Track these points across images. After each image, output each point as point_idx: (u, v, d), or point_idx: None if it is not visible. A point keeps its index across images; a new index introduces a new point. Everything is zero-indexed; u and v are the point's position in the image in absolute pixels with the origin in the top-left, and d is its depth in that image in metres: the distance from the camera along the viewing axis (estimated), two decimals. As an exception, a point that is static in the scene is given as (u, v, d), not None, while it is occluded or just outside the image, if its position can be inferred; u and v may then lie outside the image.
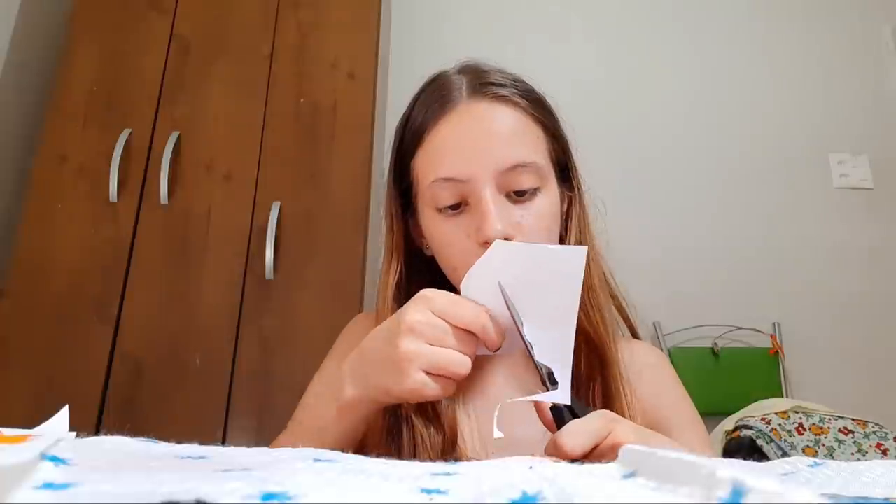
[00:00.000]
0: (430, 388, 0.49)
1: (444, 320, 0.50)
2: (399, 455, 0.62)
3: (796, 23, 2.32)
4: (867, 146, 2.18)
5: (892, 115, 2.23)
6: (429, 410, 0.63)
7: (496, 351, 0.52)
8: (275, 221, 1.48)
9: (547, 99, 0.70)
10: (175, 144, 1.54)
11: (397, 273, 0.68)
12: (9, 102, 1.68)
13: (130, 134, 1.55)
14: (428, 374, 0.49)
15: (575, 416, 0.47)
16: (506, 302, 0.51)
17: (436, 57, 0.76)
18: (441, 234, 0.63)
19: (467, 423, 0.65)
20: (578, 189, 0.71)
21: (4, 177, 1.67)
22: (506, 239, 0.58)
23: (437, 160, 0.63)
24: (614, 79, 2.23)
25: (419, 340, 0.49)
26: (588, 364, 0.65)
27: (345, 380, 0.54)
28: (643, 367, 0.68)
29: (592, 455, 0.43)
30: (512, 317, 0.51)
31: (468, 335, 0.50)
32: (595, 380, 0.65)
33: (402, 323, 0.50)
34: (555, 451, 0.43)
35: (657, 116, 2.19)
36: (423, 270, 0.70)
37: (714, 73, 2.25)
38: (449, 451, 0.61)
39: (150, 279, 1.47)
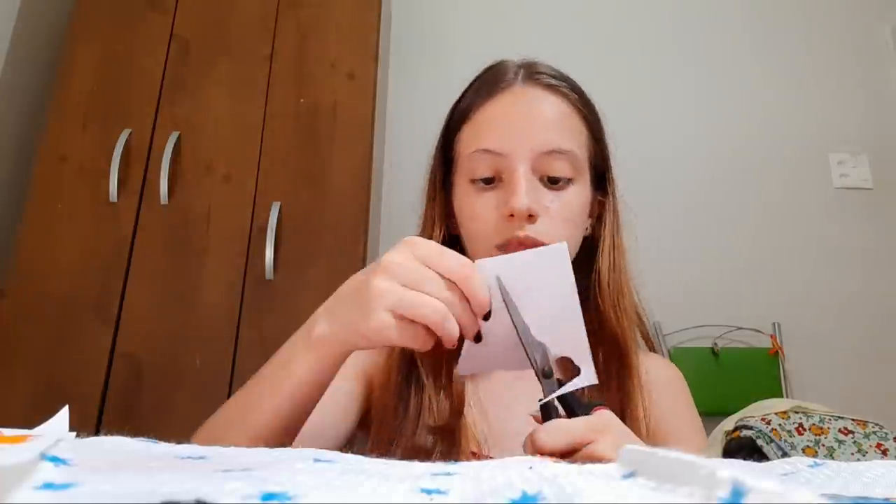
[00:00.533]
0: (395, 331, 0.44)
1: (427, 266, 0.46)
2: (405, 413, 0.62)
3: (796, 22, 2.32)
4: (867, 146, 2.18)
5: (892, 115, 2.23)
6: (442, 377, 0.63)
7: (486, 319, 0.47)
8: (275, 221, 1.48)
9: (595, 105, 0.73)
10: (175, 144, 1.54)
11: (440, 239, 0.68)
12: (9, 102, 1.68)
13: (130, 134, 1.55)
14: (400, 318, 0.45)
15: (572, 412, 0.46)
16: (503, 300, 0.48)
17: (436, 57, 0.77)
18: (471, 205, 0.65)
19: (473, 402, 0.65)
20: (613, 197, 0.73)
21: (5, 177, 1.67)
22: (530, 217, 0.60)
23: (481, 133, 0.65)
24: (614, 79, 2.23)
25: (392, 280, 0.45)
26: (607, 366, 0.65)
27: (317, 318, 0.50)
28: (659, 381, 0.69)
29: (569, 460, 0.41)
30: (512, 321, 0.48)
31: (452, 288, 0.45)
32: (612, 383, 0.65)
33: (380, 262, 0.46)
34: (529, 445, 0.43)
35: (657, 116, 2.19)
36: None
37: (714, 74, 2.25)
38: (455, 418, 0.61)
39: (150, 279, 1.47)
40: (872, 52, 2.29)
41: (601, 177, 0.72)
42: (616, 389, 0.64)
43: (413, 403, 0.62)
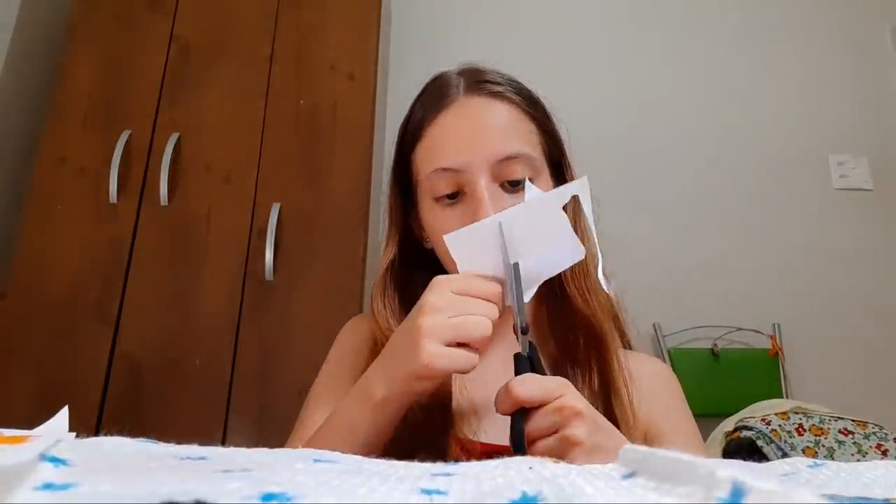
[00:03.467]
0: (445, 357, 0.49)
1: (466, 294, 0.52)
2: None
3: (796, 24, 2.32)
4: (867, 147, 2.18)
5: (893, 117, 2.23)
6: None
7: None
8: (275, 222, 1.48)
9: (542, 100, 0.73)
10: (175, 146, 1.54)
11: (392, 259, 0.71)
12: (9, 104, 1.68)
13: (130, 135, 1.55)
14: (447, 345, 0.50)
15: (534, 371, 0.50)
16: (503, 246, 0.54)
17: (435, 58, 0.77)
18: (438, 222, 0.66)
19: (463, 393, 0.66)
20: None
21: (5, 178, 1.67)
22: None
23: (436, 152, 0.66)
24: (614, 80, 2.24)
25: (438, 315, 0.50)
26: (587, 349, 0.67)
27: (373, 380, 0.55)
28: (649, 378, 0.69)
29: (539, 412, 0.46)
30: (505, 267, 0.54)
31: (485, 302, 0.52)
32: (593, 365, 0.66)
33: (422, 305, 0.51)
34: (504, 396, 0.47)
35: (657, 117, 2.19)
36: (421, 264, 0.72)
37: (714, 75, 2.25)
38: (442, 414, 0.63)
39: (150, 280, 1.47)
40: (872, 54, 2.29)
41: (558, 167, 0.72)
42: (597, 372, 0.65)
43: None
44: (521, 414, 0.47)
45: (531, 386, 0.47)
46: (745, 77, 2.25)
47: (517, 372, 0.49)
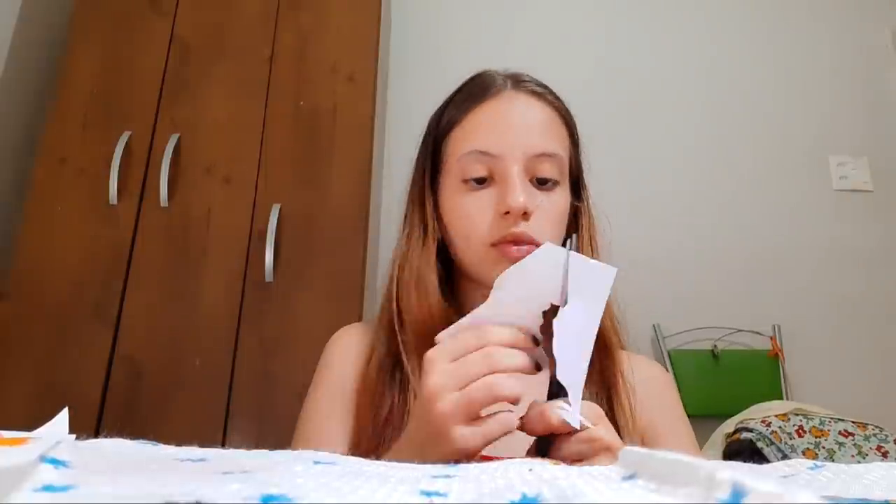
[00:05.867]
0: (478, 437, 0.45)
1: (460, 358, 0.46)
2: (392, 401, 0.63)
3: (796, 25, 2.32)
4: (867, 148, 2.19)
5: (892, 118, 2.23)
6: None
7: (538, 345, 0.47)
8: (275, 224, 1.48)
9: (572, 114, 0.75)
10: (175, 147, 1.54)
11: (436, 241, 0.69)
12: (9, 104, 1.69)
13: (130, 136, 1.55)
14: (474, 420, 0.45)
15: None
16: (562, 289, 0.46)
17: (435, 60, 0.78)
18: (463, 204, 0.67)
19: None
20: (587, 202, 0.75)
21: (4, 179, 1.67)
22: (525, 214, 0.63)
23: (474, 134, 0.68)
24: (614, 81, 2.24)
25: (445, 395, 0.45)
26: (593, 368, 0.65)
27: (406, 453, 0.50)
28: (645, 381, 0.69)
29: (567, 439, 0.44)
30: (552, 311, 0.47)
31: (488, 353, 0.46)
32: (596, 376, 0.66)
33: (425, 392, 0.46)
34: (538, 417, 0.44)
35: (658, 118, 2.19)
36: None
37: (715, 76, 2.25)
38: None
39: (149, 281, 1.47)
40: (873, 55, 2.30)
41: (575, 182, 0.74)
42: (600, 383, 0.66)
43: (398, 405, 0.62)
44: (548, 438, 0.45)
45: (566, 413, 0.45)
46: (746, 78, 2.25)
47: (551, 395, 0.46)
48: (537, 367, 0.48)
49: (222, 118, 1.60)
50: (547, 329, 0.47)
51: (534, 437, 0.47)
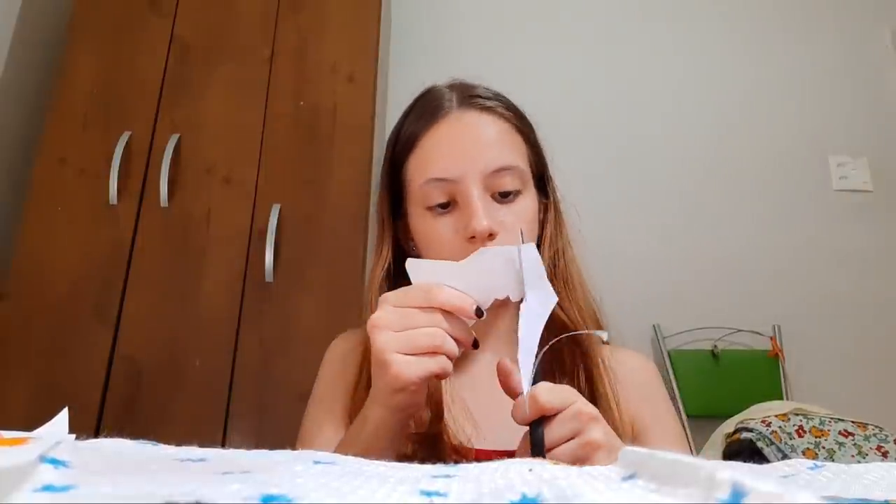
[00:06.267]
0: (412, 365, 0.50)
1: (405, 307, 0.51)
2: None
3: (796, 25, 2.32)
4: (867, 149, 2.19)
5: (892, 118, 2.23)
6: None
7: (480, 316, 0.52)
8: (275, 224, 1.48)
9: (526, 114, 0.76)
10: (175, 147, 1.54)
11: (385, 265, 0.73)
12: (9, 104, 1.69)
13: (130, 136, 1.55)
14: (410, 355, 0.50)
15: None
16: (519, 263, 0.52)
17: (435, 60, 0.78)
18: (429, 230, 0.68)
19: (457, 401, 0.67)
20: (553, 196, 0.76)
21: (4, 179, 1.67)
22: (490, 235, 0.64)
23: (430, 162, 0.68)
24: (613, 82, 2.24)
25: (385, 330, 0.51)
26: (572, 358, 0.68)
27: (367, 406, 0.56)
28: (629, 373, 0.71)
29: (555, 419, 0.48)
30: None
31: (434, 312, 0.51)
32: (579, 373, 0.68)
33: (369, 326, 0.51)
34: (529, 404, 0.48)
35: (657, 119, 2.19)
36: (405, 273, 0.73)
37: (714, 76, 2.25)
38: (435, 424, 0.64)
39: (149, 281, 1.47)
40: (872, 55, 2.30)
41: (540, 179, 0.75)
42: (584, 377, 0.67)
43: None
44: (538, 422, 0.49)
45: (552, 395, 0.48)
46: (745, 78, 2.25)
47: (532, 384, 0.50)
48: (475, 345, 0.53)
49: (222, 118, 1.60)
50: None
51: (525, 428, 0.50)
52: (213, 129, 1.59)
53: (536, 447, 0.48)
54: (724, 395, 1.81)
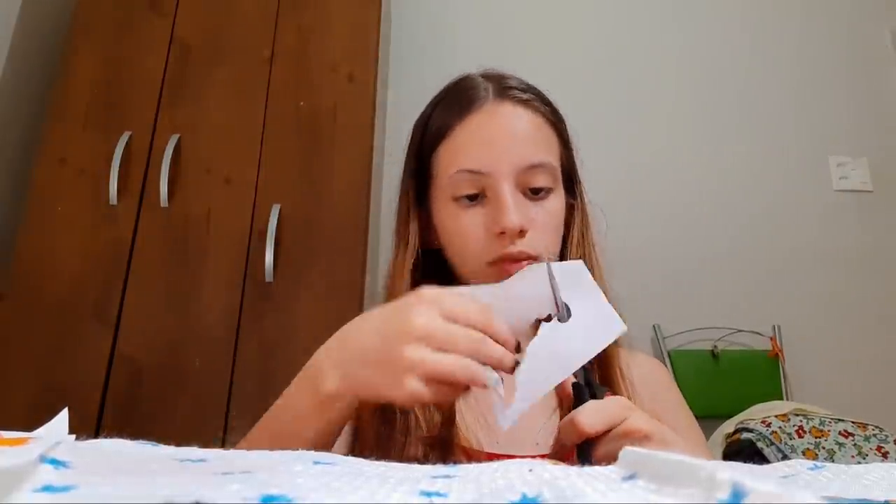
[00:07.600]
0: (427, 394, 0.44)
1: (454, 320, 0.46)
2: (391, 431, 0.62)
3: (796, 25, 2.32)
4: (867, 149, 2.19)
5: (892, 118, 2.23)
6: None
7: (512, 371, 0.47)
8: (275, 224, 1.48)
9: (558, 107, 0.73)
10: (175, 147, 1.54)
11: (415, 254, 0.69)
12: (9, 105, 1.69)
13: (130, 137, 1.55)
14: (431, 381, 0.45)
15: (593, 395, 0.48)
16: (553, 294, 0.50)
17: (435, 60, 0.78)
18: (456, 223, 0.66)
19: (470, 407, 0.65)
20: (581, 198, 0.74)
21: (5, 178, 1.67)
22: (521, 232, 0.62)
23: (463, 153, 0.66)
24: (614, 82, 2.24)
25: (424, 348, 0.44)
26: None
27: (326, 371, 0.49)
28: (641, 375, 0.70)
29: (605, 439, 0.45)
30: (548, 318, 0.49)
31: (479, 336, 0.46)
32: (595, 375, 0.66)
33: (407, 326, 0.45)
34: (570, 428, 0.45)
35: (657, 119, 2.20)
36: (427, 267, 0.71)
37: (714, 76, 2.25)
38: (447, 427, 0.62)
39: (149, 282, 1.47)
40: (872, 55, 2.30)
41: (569, 179, 0.73)
42: (599, 381, 0.65)
43: (399, 422, 0.62)
44: (586, 443, 0.46)
45: (595, 417, 0.45)
46: (746, 78, 2.25)
47: (577, 401, 0.47)
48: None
49: (222, 118, 1.60)
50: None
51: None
52: (214, 129, 1.59)
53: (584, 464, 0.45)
54: (724, 395, 1.81)
